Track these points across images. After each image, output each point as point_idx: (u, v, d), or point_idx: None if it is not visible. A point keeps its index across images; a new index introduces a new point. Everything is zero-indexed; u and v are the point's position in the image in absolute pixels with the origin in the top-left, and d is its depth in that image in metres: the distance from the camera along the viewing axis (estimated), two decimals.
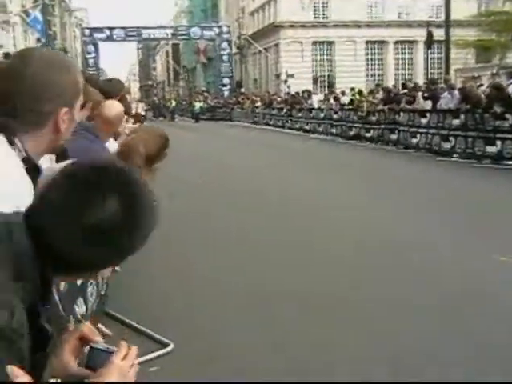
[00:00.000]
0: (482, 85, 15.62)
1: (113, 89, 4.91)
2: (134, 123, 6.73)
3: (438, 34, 28.57)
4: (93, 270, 1.16)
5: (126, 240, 1.08)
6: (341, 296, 5.31)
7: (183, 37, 60.65)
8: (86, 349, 1.20)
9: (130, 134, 3.37)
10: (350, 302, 5.18)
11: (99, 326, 3.86)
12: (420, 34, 41.12)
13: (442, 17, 26.36)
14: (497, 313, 4.81)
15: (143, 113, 32.89)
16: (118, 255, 1.13)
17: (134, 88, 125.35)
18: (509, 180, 11.95)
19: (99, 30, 57.02)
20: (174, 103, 54.01)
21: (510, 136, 13.60)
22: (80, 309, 3.03)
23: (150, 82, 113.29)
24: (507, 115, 13.65)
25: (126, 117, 5.75)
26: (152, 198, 1.13)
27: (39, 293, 1.02)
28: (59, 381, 1.16)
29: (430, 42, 28.75)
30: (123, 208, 1.04)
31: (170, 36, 60.87)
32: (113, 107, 3.69)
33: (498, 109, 13.90)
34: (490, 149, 14.27)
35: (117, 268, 5.81)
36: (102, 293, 4.22)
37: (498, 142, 13.99)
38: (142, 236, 1.11)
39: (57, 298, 2.96)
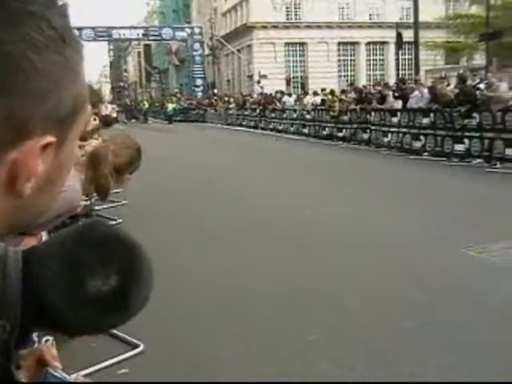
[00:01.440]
0: (449, 84, 15.81)
1: None
2: (103, 126, 6.67)
3: (408, 35, 28.89)
4: (81, 333, 1.02)
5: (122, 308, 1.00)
6: (323, 293, 5.36)
7: (155, 37, 60.32)
8: (43, 372, 1.17)
9: (103, 141, 3.34)
10: (331, 296, 5.23)
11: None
12: (391, 36, 41.43)
13: (412, 19, 26.66)
14: (470, 307, 4.86)
15: (115, 115, 32.62)
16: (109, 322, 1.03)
17: (106, 90, 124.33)
18: (476, 177, 12.14)
19: None
20: (146, 105, 53.71)
21: (477, 134, 13.85)
22: None
23: (121, 84, 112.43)
24: (474, 114, 13.89)
25: (93, 116, 5.74)
26: (150, 263, 1.02)
27: (15, 336, 0.94)
28: None
29: (399, 43, 29.06)
30: (123, 276, 0.94)
31: (141, 36, 60.52)
32: None
33: (463, 107, 14.11)
34: (459, 147, 14.52)
35: None
36: None
37: (466, 141, 14.23)
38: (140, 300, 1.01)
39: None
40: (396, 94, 18.42)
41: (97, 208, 7.02)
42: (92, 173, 2.88)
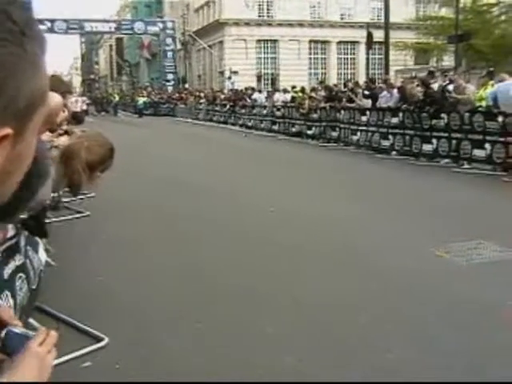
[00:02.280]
0: (418, 85, 15.96)
1: (55, 88, 4.81)
2: (75, 123, 6.59)
3: (379, 35, 29.17)
4: None
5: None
6: (284, 292, 5.37)
7: (127, 31, 59.68)
8: (3, 333, 1.16)
9: (77, 138, 3.32)
10: (290, 295, 5.24)
11: (30, 320, 3.80)
12: (361, 35, 41.78)
13: (383, 19, 26.93)
14: (435, 307, 4.90)
15: (85, 107, 32.26)
16: None
17: (77, 82, 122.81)
18: (443, 177, 12.29)
19: (40, 21, 54.32)
20: (117, 98, 53.18)
21: (445, 135, 14.02)
22: (4, 302, 2.96)
23: (92, 76, 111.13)
24: (442, 115, 14.07)
25: (64, 109, 5.65)
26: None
27: None
28: None
29: (370, 43, 29.32)
30: None
31: (113, 30, 59.82)
32: (51, 98, 3.62)
33: (431, 108, 14.30)
34: (427, 147, 14.69)
35: (52, 262, 5.72)
36: (33, 287, 4.14)
37: (434, 141, 14.41)
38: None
39: None
40: (366, 93, 18.55)
41: (65, 200, 6.95)
42: (64, 168, 2.86)
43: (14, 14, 0.63)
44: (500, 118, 12.29)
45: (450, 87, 14.73)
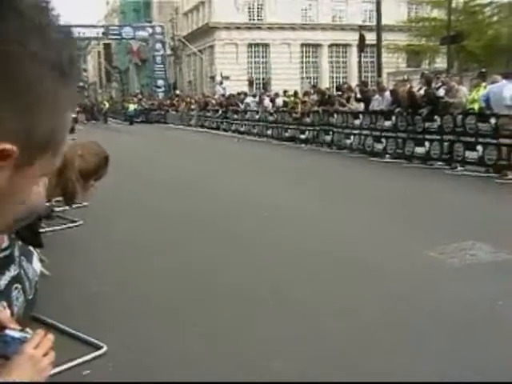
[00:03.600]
0: (412, 87, 15.99)
1: None
2: None
3: (371, 38, 29.22)
4: None
5: None
6: (274, 291, 5.34)
7: (115, 37, 59.48)
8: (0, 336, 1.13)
9: (70, 147, 3.29)
10: (285, 296, 5.21)
11: (27, 330, 3.74)
12: (353, 38, 41.89)
13: (375, 21, 26.96)
14: (429, 308, 4.91)
15: (74, 115, 32.17)
16: None
17: None
18: (436, 179, 12.33)
19: None
20: (107, 105, 53.02)
21: (437, 137, 14.04)
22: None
23: (81, 84, 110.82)
24: (436, 117, 14.08)
25: None
26: None
27: None
28: None
29: (362, 45, 29.34)
30: None
31: (101, 35, 59.60)
32: None
33: (426, 109, 14.32)
34: (419, 149, 14.70)
35: (46, 272, 5.66)
36: (30, 297, 4.10)
37: (427, 143, 14.42)
38: None
39: None
40: (358, 97, 18.56)
41: (57, 210, 6.91)
42: (57, 177, 2.82)
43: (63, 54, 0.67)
44: (493, 120, 12.32)
45: (442, 90, 14.77)
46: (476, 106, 13.72)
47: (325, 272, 6.03)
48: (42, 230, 4.94)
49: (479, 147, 12.70)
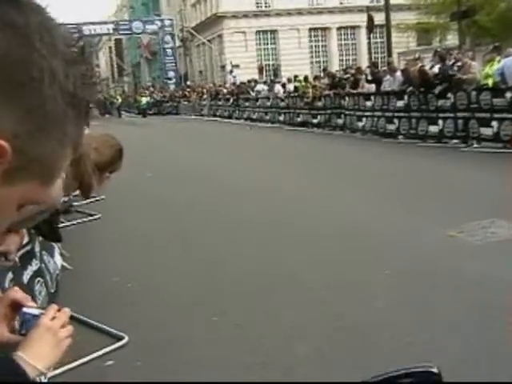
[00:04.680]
0: (423, 65, 15.82)
1: None
2: None
3: (379, 18, 28.93)
4: None
5: None
6: (293, 277, 5.37)
7: (125, 32, 59.76)
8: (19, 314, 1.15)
9: (85, 140, 3.31)
10: (303, 282, 5.24)
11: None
12: (361, 20, 41.53)
13: (382, 1, 26.69)
14: (453, 288, 4.86)
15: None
16: None
17: None
18: (452, 157, 12.23)
19: None
20: (119, 100, 53.21)
21: (451, 115, 13.90)
22: None
23: (93, 80, 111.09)
24: (449, 94, 13.92)
25: None
26: None
27: None
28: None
29: (371, 26, 28.97)
30: None
31: (111, 31, 59.80)
32: None
33: (441, 87, 14.17)
34: (433, 128, 14.58)
35: (68, 266, 5.74)
36: (52, 291, 4.16)
37: (440, 122, 14.30)
38: None
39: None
40: (369, 78, 18.43)
41: (75, 204, 6.99)
42: (73, 170, 2.84)
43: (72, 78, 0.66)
44: (508, 94, 12.15)
45: (455, 67, 14.59)
46: (490, 81, 13.55)
47: (343, 254, 6.05)
48: (61, 225, 5.00)
49: (494, 123, 12.55)
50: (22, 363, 1.03)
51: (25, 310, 1.11)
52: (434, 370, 0.85)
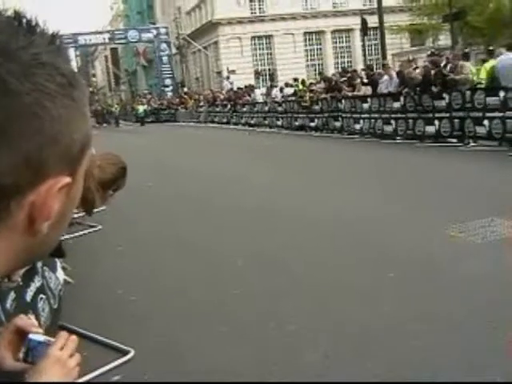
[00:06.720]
0: (417, 67, 15.92)
1: None
2: None
3: (373, 20, 29.08)
4: None
5: None
6: (297, 282, 5.40)
7: (121, 41, 59.88)
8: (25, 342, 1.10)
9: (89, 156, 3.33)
10: (307, 287, 5.27)
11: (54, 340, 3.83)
12: (355, 22, 41.71)
13: (375, 4, 26.81)
14: (455, 289, 4.88)
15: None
16: None
17: None
18: (449, 156, 12.28)
19: None
20: (117, 108, 53.30)
21: (446, 115, 13.98)
22: None
23: (90, 89, 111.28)
24: (444, 94, 14.01)
25: None
26: None
27: None
28: None
29: (365, 29, 29.12)
30: None
31: (107, 41, 59.94)
32: None
33: (434, 88, 14.26)
34: (430, 128, 14.66)
35: (70, 280, 5.76)
36: (55, 307, 4.19)
37: (436, 122, 14.38)
38: None
39: (2, 316, 2.94)
40: (364, 81, 18.51)
41: (76, 216, 6.99)
42: None
43: (62, 67, 0.66)
44: (502, 93, 12.24)
45: (448, 68, 14.67)
46: (484, 77, 13.64)
47: (342, 254, 6.08)
48: (61, 238, 5.02)
49: (485, 122, 12.67)
50: None
51: (30, 336, 1.09)
52: None
